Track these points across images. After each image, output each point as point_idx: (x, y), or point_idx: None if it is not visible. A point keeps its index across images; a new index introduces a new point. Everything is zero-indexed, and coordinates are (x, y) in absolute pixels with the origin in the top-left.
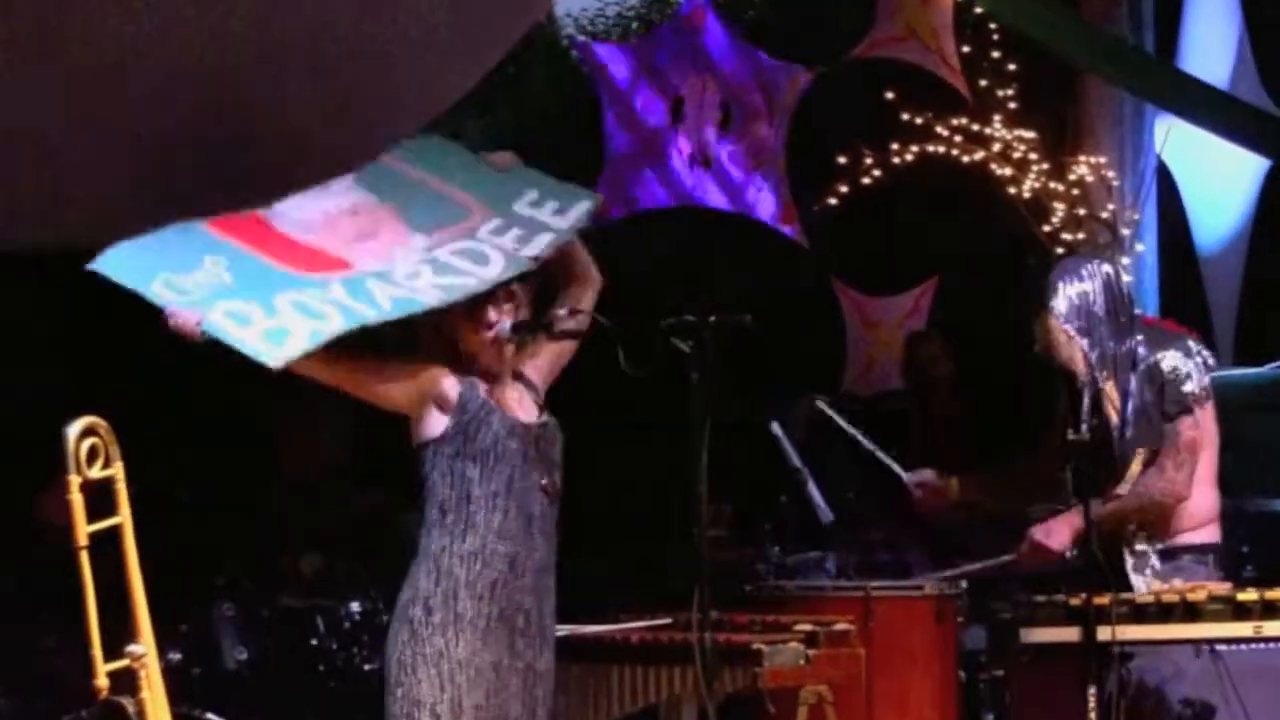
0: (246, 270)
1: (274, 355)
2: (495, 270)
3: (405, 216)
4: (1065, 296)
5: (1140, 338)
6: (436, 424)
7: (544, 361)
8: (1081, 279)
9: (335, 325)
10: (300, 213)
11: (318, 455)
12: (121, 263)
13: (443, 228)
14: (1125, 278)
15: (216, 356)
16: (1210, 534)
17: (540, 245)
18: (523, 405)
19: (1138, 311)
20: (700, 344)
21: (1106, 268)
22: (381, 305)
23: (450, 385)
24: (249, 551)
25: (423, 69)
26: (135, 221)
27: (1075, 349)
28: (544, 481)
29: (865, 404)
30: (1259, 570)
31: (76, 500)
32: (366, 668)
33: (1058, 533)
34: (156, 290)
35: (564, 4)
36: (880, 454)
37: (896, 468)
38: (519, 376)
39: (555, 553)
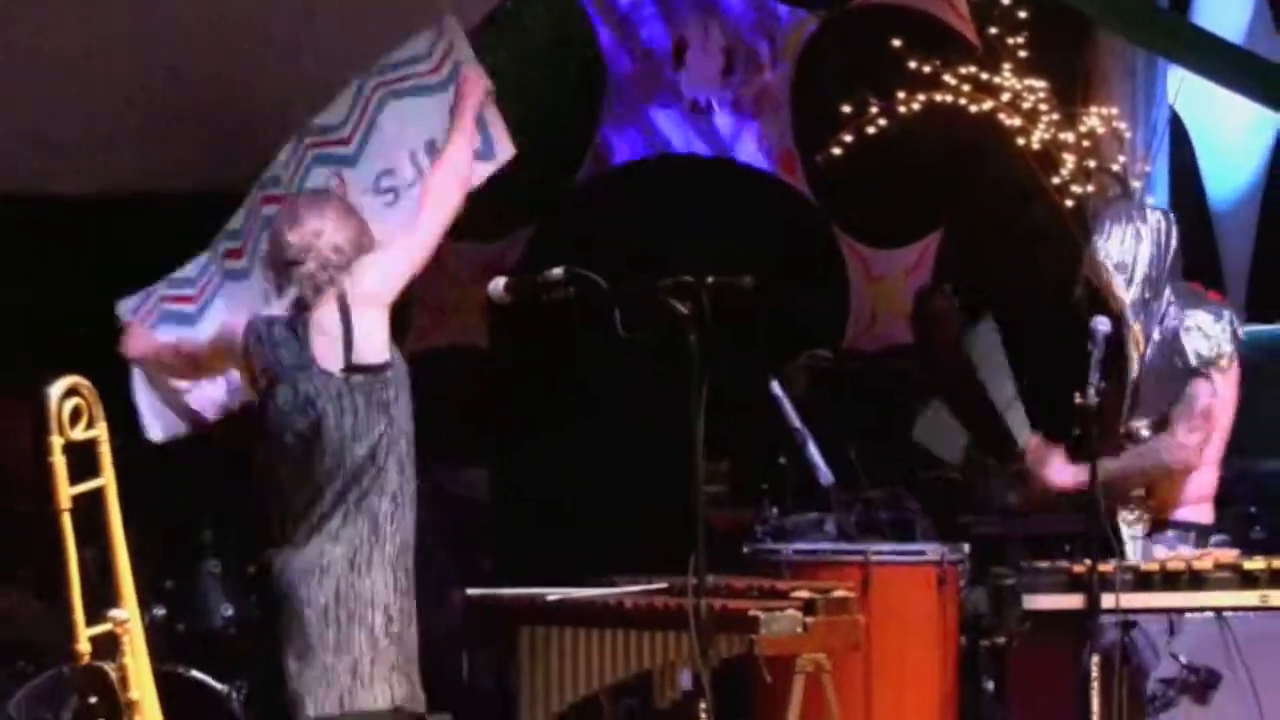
0: None
1: None
2: None
3: None
4: (1113, 236)
5: (1172, 295)
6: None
7: (378, 274)
8: (1133, 222)
9: None
10: None
11: None
12: None
13: None
14: (1172, 229)
15: None
16: (1199, 513)
17: None
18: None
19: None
20: (698, 305)
21: (1159, 220)
22: None
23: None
24: (234, 507)
25: (418, 13)
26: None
27: (1112, 288)
28: (362, 451)
29: (868, 361)
30: (1268, 532)
31: (59, 462)
32: None
33: (1063, 469)
34: None
35: None
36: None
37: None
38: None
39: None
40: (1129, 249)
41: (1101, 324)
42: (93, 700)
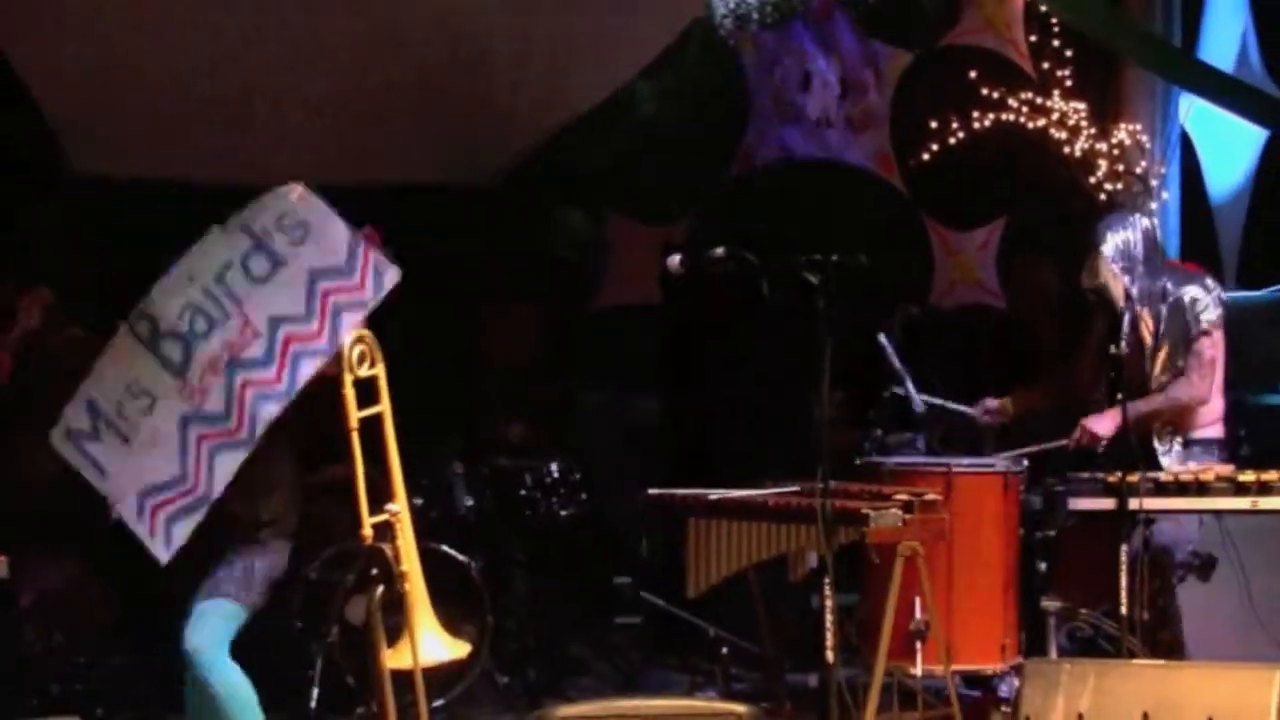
0: None
1: None
2: None
3: None
4: (1113, 242)
5: (1167, 277)
6: None
7: None
8: (1126, 228)
9: None
10: None
11: (520, 349)
12: None
13: None
14: (1156, 228)
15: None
16: (1217, 430)
17: None
18: None
19: (1168, 258)
20: (825, 276)
21: (1144, 221)
22: None
23: None
24: (473, 425)
25: (608, 46)
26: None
27: (1119, 284)
28: None
29: (949, 315)
30: (1253, 450)
31: (349, 393)
32: (563, 514)
33: (1104, 421)
34: None
35: None
36: (945, 403)
37: (963, 409)
38: None
39: None
40: (1128, 251)
41: (1132, 290)
42: (374, 571)
